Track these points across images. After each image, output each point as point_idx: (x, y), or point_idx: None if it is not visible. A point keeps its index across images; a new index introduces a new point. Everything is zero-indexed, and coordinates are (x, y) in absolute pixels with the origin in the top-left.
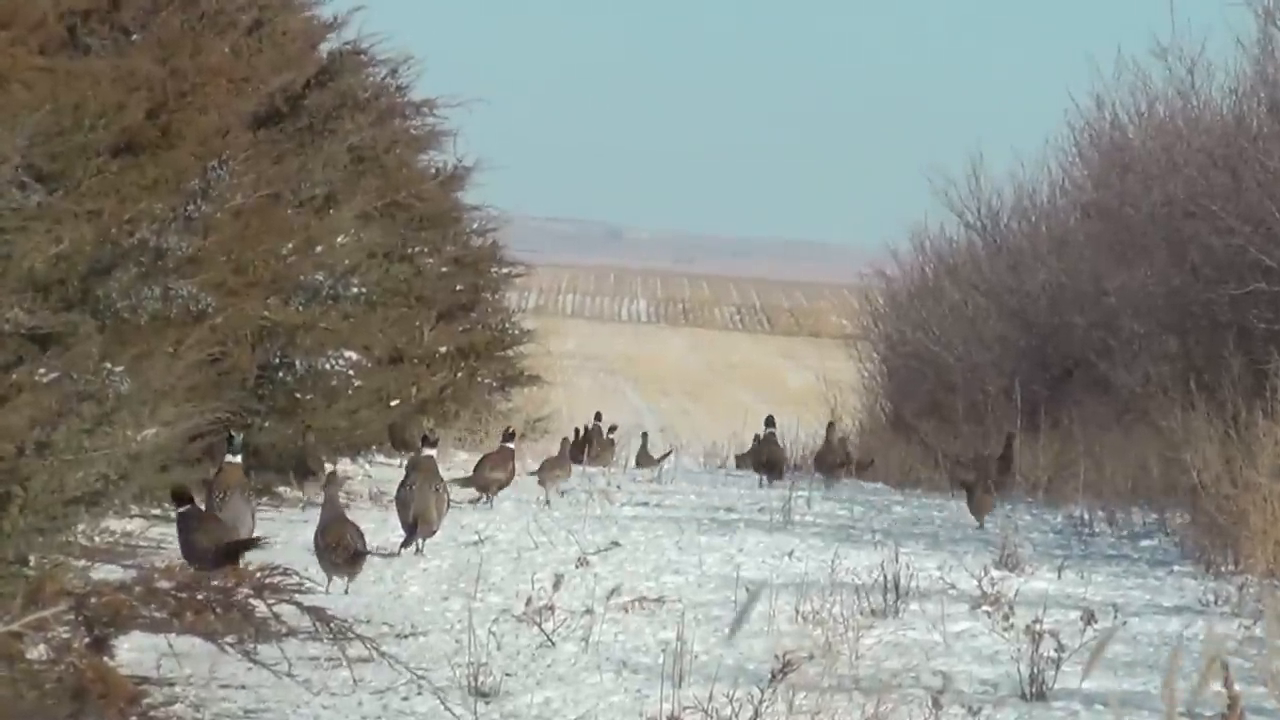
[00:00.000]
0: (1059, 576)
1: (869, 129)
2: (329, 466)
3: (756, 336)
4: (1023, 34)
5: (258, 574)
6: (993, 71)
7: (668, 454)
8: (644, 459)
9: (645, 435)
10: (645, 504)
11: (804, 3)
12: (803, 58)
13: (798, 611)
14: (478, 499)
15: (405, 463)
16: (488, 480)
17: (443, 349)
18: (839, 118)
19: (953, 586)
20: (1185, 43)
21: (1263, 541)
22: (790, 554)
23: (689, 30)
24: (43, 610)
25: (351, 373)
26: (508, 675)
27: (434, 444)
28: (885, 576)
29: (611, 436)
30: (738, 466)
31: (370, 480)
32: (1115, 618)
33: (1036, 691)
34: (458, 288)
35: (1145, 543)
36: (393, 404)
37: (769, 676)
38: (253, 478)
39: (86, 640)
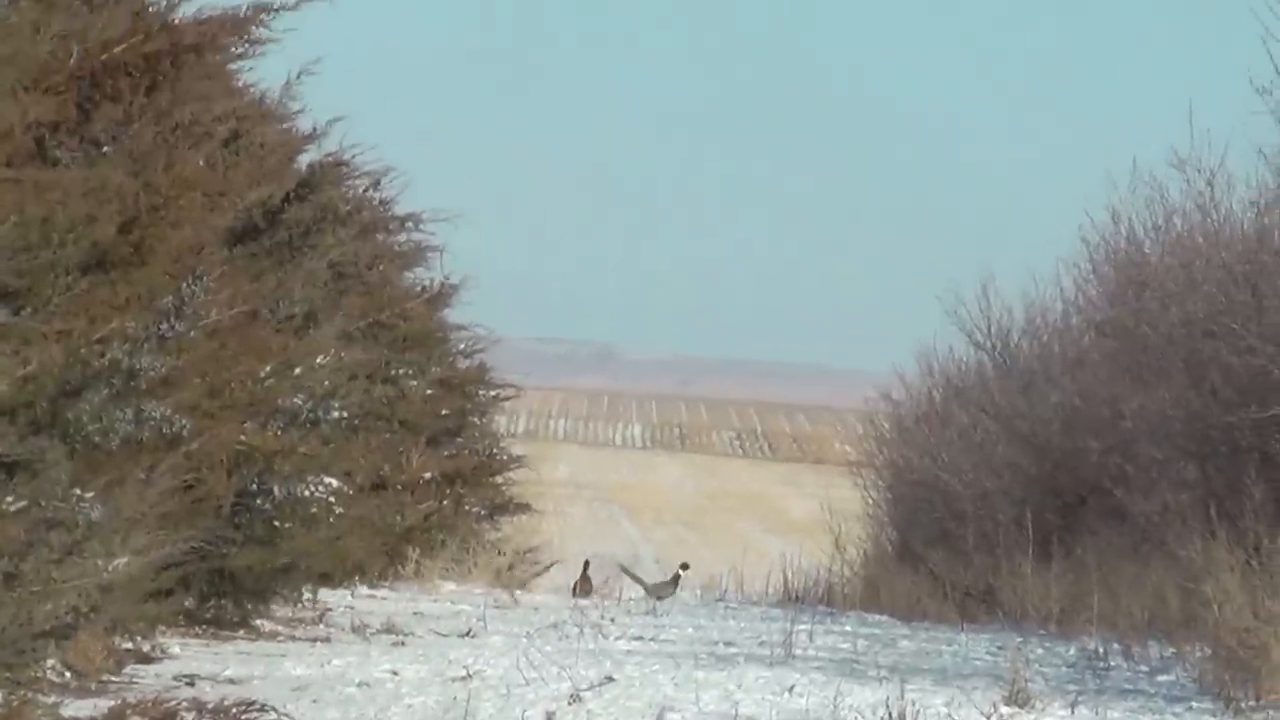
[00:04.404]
0: (1072, 713)
1: (875, 248)
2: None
3: (757, 463)
4: (1037, 149)
5: (234, 709)
6: (1005, 186)
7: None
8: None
9: (586, 563)
10: (640, 638)
11: (803, 112)
12: (802, 172)
13: None
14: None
15: None
16: None
17: (428, 475)
18: (844, 236)
19: None
20: (1204, 154)
21: None
22: (791, 689)
23: (680, 147)
24: None
25: (333, 500)
26: None
27: None
28: (890, 714)
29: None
30: None
31: (353, 612)
32: None
33: None
34: (444, 411)
35: (1162, 677)
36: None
37: None
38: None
39: None
